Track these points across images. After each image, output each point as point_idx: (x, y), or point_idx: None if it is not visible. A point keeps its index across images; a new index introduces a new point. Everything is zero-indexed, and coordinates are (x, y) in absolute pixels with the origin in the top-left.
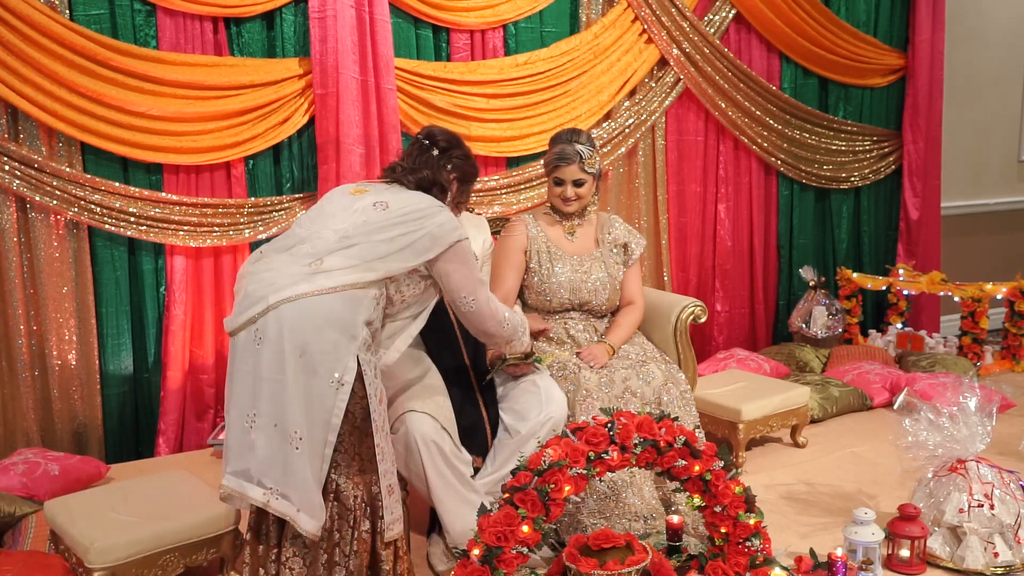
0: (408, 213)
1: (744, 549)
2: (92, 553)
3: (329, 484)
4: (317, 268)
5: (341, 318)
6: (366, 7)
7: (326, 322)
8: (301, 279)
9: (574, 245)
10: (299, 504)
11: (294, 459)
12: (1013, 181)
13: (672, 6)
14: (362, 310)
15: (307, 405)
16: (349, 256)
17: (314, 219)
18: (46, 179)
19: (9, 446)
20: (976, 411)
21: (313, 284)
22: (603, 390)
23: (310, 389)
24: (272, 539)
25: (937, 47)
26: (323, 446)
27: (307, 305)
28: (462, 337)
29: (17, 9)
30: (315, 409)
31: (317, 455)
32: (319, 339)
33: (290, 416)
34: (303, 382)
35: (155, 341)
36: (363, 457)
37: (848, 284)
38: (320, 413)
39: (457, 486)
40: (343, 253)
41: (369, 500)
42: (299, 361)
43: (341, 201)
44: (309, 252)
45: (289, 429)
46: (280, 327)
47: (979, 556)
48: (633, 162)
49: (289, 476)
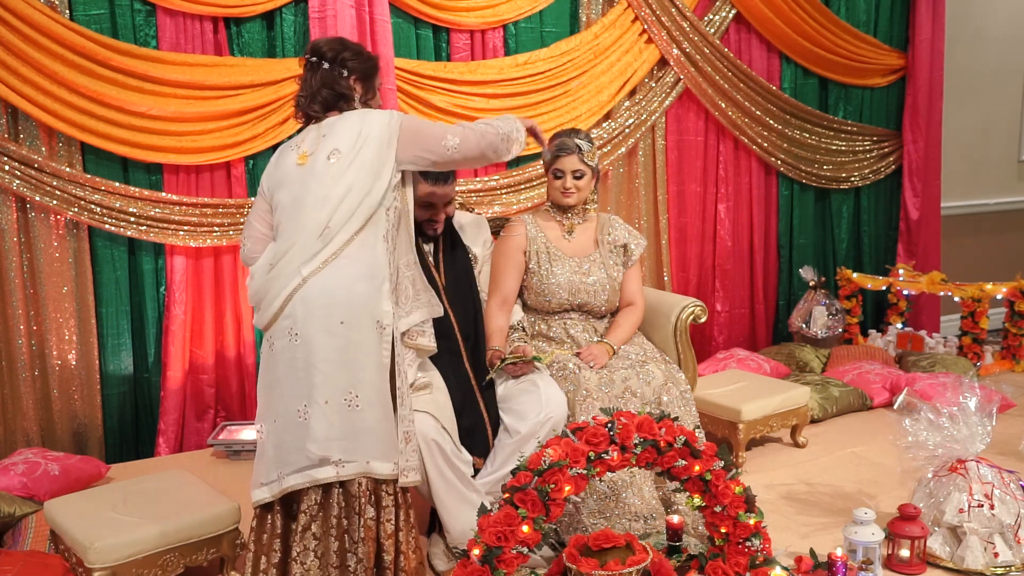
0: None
1: (744, 549)
2: (92, 553)
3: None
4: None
5: (364, 270)
6: (366, 7)
7: (352, 279)
8: (310, 257)
9: (573, 246)
10: (369, 455)
11: (354, 418)
12: (1013, 181)
13: (672, 6)
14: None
15: (363, 360)
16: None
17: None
18: (46, 179)
19: (9, 446)
20: (976, 411)
21: (324, 254)
22: (603, 390)
23: (359, 346)
24: (277, 544)
25: (937, 47)
26: (386, 388)
27: (328, 273)
28: (462, 338)
29: (17, 9)
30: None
31: (383, 400)
32: (351, 295)
33: (342, 383)
34: (351, 342)
35: (155, 341)
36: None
37: (848, 284)
38: (376, 361)
39: (458, 486)
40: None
41: (373, 488)
42: (341, 328)
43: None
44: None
45: (340, 396)
46: (309, 307)
47: (979, 556)
48: (633, 162)
49: (352, 438)
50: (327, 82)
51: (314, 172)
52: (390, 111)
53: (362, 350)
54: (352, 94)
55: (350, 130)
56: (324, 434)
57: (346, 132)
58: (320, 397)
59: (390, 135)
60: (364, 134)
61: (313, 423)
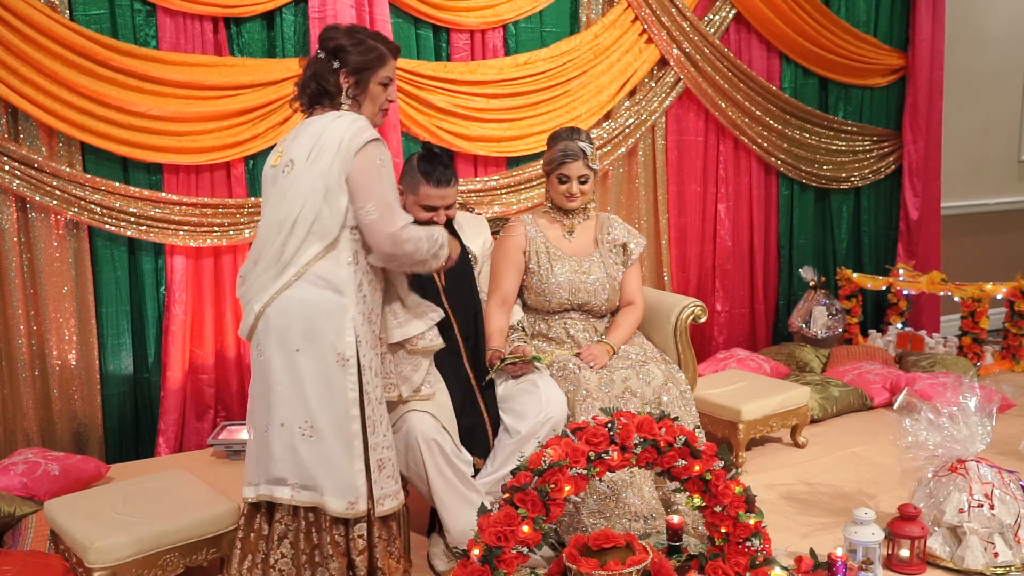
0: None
1: (744, 549)
2: (92, 553)
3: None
4: (285, 263)
5: (325, 296)
6: (366, 7)
7: (311, 307)
8: (272, 279)
9: (573, 246)
10: (324, 488)
11: (309, 448)
12: (1013, 181)
13: (672, 6)
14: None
15: (318, 392)
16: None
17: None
18: (46, 179)
19: (9, 446)
20: (976, 411)
21: (284, 277)
22: (603, 390)
23: (315, 377)
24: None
25: (937, 47)
26: (347, 422)
27: (287, 297)
28: (462, 338)
29: (17, 9)
30: (329, 393)
31: (342, 435)
32: (309, 324)
33: (298, 410)
34: (306, 372)
35: (155, 341)
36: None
37: (848, 284)
38: (335, 394)
39: (458, 485)
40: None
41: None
42: (297, 356)
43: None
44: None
45: (296, 423)
46: (268, 330)
47: (979, 556)
48: (633, 162)
49: (307, 467)
50: (316, 74)
51: (275, 183)
52: (360, 127)
53: (318, 382)
54: (337, 91)
55: (307, 140)
56: (280, 455)
57: (304, 141)
58: (277, 419)
59: (344, 158)
60: (320, 145)
61: (272, 442)
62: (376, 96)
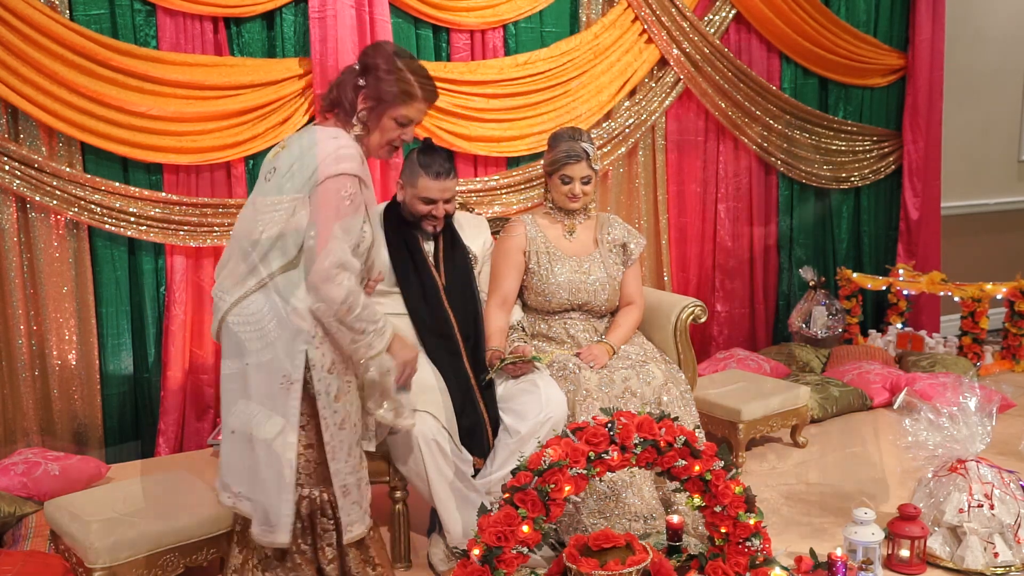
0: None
1: (744, 549)
2: (92, 553)
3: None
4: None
5: (280, 314)
6: (366, 7)
7: (267, 322)
8: (240, 280)
9: (573, 246)
10: (255, 509)
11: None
12: (1013, 181)
13: (672, 6)
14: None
15: (261, 409)
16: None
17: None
18: (46, 179)
19: (9, 446)
20: (976, 411)
21: (249, 282)
22: (603, 390)
23: (261, 391)
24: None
25: (937, 47)
26: (283, 448)
27: (244, 307)
28: (462, 338)
29: (17, 9)
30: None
31: (274, 460)
32: (260, 338)
33: (245, 423)
34: (252, 389)
35: (155, 341)
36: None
37: (848, 284)
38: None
39: (458, 485)
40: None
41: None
42: (247, 369)
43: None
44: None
45: (243, 433)
46: (225, 336)
47: (979, 556)
48: (633, 162)
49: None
50: (341, 83)
51: (261, 182)
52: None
53: (263, 398)
54: (352, 109)
55: (295, 152)
56: (227, 461)
57: (293, 151)
58: (229, 426)
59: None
60: (301, 163)
61: (224, 447)
62: (387, 130)
